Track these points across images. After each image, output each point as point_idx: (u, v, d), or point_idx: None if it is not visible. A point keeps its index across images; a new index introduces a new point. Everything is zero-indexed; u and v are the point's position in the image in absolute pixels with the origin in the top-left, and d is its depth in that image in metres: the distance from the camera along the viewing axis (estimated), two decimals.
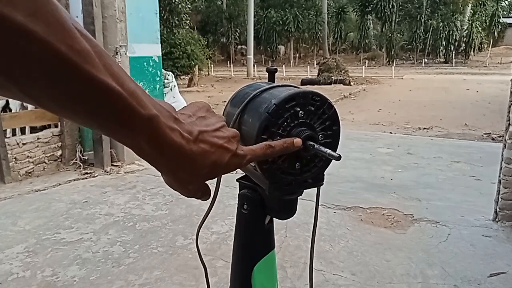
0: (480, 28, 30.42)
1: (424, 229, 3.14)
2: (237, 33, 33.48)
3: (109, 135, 0.37)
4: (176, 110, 0.42)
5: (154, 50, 5.14)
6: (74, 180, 4.29)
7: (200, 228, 0.61)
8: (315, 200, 0.61)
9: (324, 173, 0.57)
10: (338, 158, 0.48)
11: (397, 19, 30.93)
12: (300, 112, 0.51)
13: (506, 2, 36.49)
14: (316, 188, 0.59)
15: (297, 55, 35.43)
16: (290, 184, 0.54)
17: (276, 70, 0.60)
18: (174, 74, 7.15)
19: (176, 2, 14.81)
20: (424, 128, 7.83)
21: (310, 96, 0.52)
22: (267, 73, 0.60)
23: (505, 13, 35.01)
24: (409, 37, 31.90)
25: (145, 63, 5.04)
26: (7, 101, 5.40)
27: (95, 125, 0.35)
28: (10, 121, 4.37)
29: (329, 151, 0.48)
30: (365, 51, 33.08)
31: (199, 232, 0.61)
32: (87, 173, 4.46)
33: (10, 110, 5.33)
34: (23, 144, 4.31)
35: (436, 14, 30.12)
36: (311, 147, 0.49)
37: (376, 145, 5.88)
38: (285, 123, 0.50)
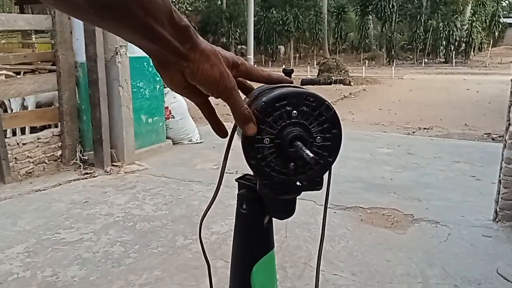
0: (480, 28, 30.39)
1: (424, 229, 3.14)
2: (237, 33, 33.44)
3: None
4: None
5: None
6: (74, 180, 4.29)
7: (203, 220, 0.61)
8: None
9: (323, 178, 0.56)
10: (311, 159, 0.47)
11: (397, 19, 30.89)
12: (293, 112, 0.51)
13: (506, 2, 36.47)
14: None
15: (297, 55, 35.39)
16: (282, 184, 0.54)
17: (292, 71, 0.59)
18: None
19: (175, 2, 14.80)
20: (424, 128, 7.82)
21: (304, 96, 0.51)
22: (283, 74, 0.60)
23: (505, 13, 34.96)
24: (409, 37, 31.88)
25: (145, 63, 5.04)
26: (9, 101, 5.40)
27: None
28: (10, 121, 4.37)
29: (307, 151, 0.48)
30: (365, 51, 33.04)
31: (202, 225, 0.61)
32: (87, 173, 4.46)
33: (12, 111, 5.33)
34: (23, 144, 4.31)
35: (436, 14, 30.09)
36: (295, 147, 0.49)
37: (376, 145, 5.88)
38: (277, 122, 0.50)
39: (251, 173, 0.56)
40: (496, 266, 2.58)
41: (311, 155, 0.47)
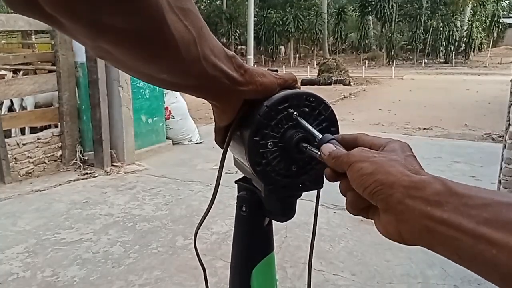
0: (480, 28, 30.39)
1: None
2: (237, 34, 33.45)
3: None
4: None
5: None
6: (74, 180, 4.29)
7: (198, 230, 0.61)
8: (315, 202, 0.61)
9: (324, 176, 0.56)
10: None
11: (397, 19, 30.90)
12: (294, 113, 0.51)
13: (506, 2, 36.45)
14: (315, 191, 0.58)
15: (297, 55, 35.38)
16: (287, 187, 0.53)
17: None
18: None
19: None
20: (424, 129, 7.82)
21: (304, 97, 0.51)
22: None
23: (505, 13, 34.93)
24: (409, 37, 31.86)
25: None
26: (11, 101, 5.40)
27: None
28: (10, 121, 4.37)
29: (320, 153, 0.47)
30: (365, 51, 33.04)
31: (197, 234, 0.61)
32: (87, 174, 4.46)
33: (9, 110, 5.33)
34: (23, 144, 4.31)
35: (436, 14, 30.10)
36: (304, 148, 0.49)
37: None
38: (279, 125, 0.50)
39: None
40: None
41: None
